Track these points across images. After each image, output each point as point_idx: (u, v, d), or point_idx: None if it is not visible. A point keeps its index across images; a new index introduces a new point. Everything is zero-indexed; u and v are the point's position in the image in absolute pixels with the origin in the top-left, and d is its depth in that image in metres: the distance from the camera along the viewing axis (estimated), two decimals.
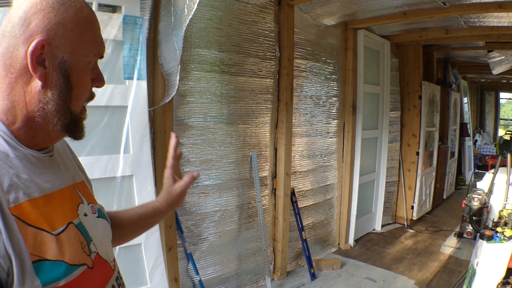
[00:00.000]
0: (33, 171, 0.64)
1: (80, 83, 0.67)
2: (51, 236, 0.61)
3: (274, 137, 3.26)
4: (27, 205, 0.59)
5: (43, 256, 0.59)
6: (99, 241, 0.75)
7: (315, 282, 3.31)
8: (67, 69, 0.64)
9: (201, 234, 2.74)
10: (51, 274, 0.59)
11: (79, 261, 0.65)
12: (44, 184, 0.65)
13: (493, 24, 3.71)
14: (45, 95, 0.63)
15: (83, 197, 0.76)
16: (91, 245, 0.71)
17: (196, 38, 2.58)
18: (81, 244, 0.67)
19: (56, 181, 0.69)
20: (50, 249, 0.60)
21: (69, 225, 0.66)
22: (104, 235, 0.80)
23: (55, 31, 0.62)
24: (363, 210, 4.45)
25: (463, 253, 3.94)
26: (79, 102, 0.69)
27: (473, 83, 9.62)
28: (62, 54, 0.63)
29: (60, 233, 0.63)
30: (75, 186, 0.76)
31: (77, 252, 0.65)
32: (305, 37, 3.48)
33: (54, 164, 0.72)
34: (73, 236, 0.65)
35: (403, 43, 4.85)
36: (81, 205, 0.74)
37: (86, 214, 0.74)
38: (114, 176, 2.04)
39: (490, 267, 2.30)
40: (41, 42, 0.60)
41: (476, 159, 8.42)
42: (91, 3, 1.97)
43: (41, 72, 0.62)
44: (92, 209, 0.78)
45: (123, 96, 2.07)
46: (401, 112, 4.99)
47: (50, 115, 0.65)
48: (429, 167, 5.28)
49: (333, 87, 3.89)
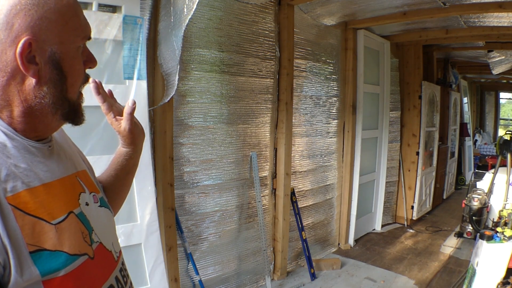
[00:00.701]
0: (32, 161, 0.64)
1: (74, 70, 0.67)
2: (50, 226, 0.60)
3: (274, 137, 3.26)
4: (25, 194, 0.59)
5: (41, 245, 0.58)
6: (102, 231, 0.75)
7: (315, 282, 3.31)
8: (58, 60, 0.64)
9: (201, 234, 2.74)
10: (50, 264, 0.58)
11: (79, 251, 0.64)
12: (44, 173, 0.65)
13: (493, 24, 3.71)
14: (40, 90, 0.64)
15: (84, 186, 0.76)
16: (93, 235, 0.70)
17: (196, 38, 2.58)
18: (82, 233, 0.67)
19: (56, 170, 0.69)
20: (49, 239, 0.60)
21: (70, 215, 0.66)
22: (107, 224, 0.80)
23: (39, 26, 0.61)
24: (363, 210, 4.45)
25: (463, 253, 3.94)
26: (75, 89, 0.69)
27: (473, 83, 9.62)
28: (50, 46, 0.63)
29: (60, 222, 0.63)
30: (77, 175, 0.76)
31: (77, 241, 0.64)
32: (305, 37, 3.48)
33: (54, 154, 0.71)
34: (73, 226, 0.65)
35: (403, 43, 4.85)
36: (83, 194, 0.74)
37: (87, 203, 0.74)
38: None
39: (490, 267, 2.29)
40: (28, 41, 0.60)
41: (476, 159, 8.42)
42: (91, 3, 1.97)
43: (33, 70, 0.62)
44: (94, 198, 0.77)
45: (123, 96, 2.06)
46: (401, 112, 4.99)
47: (48, 108, 0.65)
48: (429, 167, 5.28)
49: (333, 87, 3.89)
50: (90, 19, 2.03)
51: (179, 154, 2.57)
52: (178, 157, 2.55)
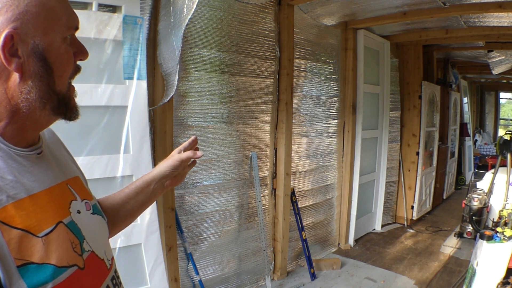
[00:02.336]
0: (19, 171, 0.62)
1: (60, 61, 0.66)
2: (37, 239, 0.59)
3: (274, 137, 3.26)
4: (11, 207, 0.57)
5: (28, 259, 0.57)
6: (94, 239, 0.73)
7: (315, 282, 3.31)
8: (42, 52, 0.63)
9: (201, 234, 2.75)
10: (37, 277, 0.57)
11: (68, 262, 0.63)
12: (31, 184, 0.63)
13: (493, 24, 3.71)
14: (25, 84, 0.62)
15: (76, 193, 0.74)
16: (84, 244, 0.69)
17: (196, 38, 2.58)
18: (72, 244, 0.65)
19: (45, 179, 0.67)
20: (36, 252, 0.58)
21: (59, 225, 0.64)
22: (100, 232, 0.78)
23: (21, 20, 0.60)
24: (363, 210, 4.45)
25: (463, 253, 3.94)
26: (63, 80, 0.67)
27: (473, 83, 9.62)
28: (33, 39, 0.62)
29: (48, 233, 0.61)
30: (68, 182, 0.74)
31: (66, 252, 0.63)
32: (305, 37, 3.48)
33: (43, 161, 0.69)
34: (62, 236, 0.64)
35: (403, 43, 4.85)
36: (74, 202, 0.72)
37: (79, 211, 0.72)
38: (114, 176, 2.04)
39: (490, 267, 2.29)
40: (9, 34, 0.59)
41: (476, 159, 8.42)
42: (91, 3, 1.97)
43: (16, 63, 0.60)
44: (86, 206, 0.76)
45: (123, 96, 2.06)
46: (401, 112, 4.99)
47: (35, 103, 0.63)
48: (429, 167, 5.28)
49: (333, 87, 3.89)
50: (90, 19, 2.03)
51: None
52: None
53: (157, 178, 0.95)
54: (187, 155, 0.93)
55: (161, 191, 0.98)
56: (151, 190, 0.95)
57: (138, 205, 0.96)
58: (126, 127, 2.09)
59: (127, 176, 2.09)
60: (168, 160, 0.96)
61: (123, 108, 2.08)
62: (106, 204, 0.93)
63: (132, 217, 1.00)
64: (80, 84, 1.91)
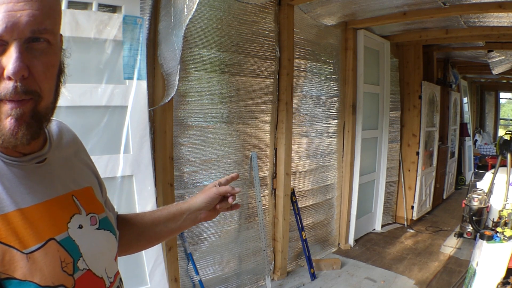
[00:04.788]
0: (11, 183, 0.59)
1: None
2: (22, 255, 0.56)
3: (274, 137, 3.26)
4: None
5: (11, 274, 0.55)
6: (94, 256, 0.68)
7: (315, 282, 3.31)
8: None
9: (201, 234, 2.75)
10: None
11: (53, 283, 0.59)
12: (23, 197, 0.59)
13: (493, 24, 3.71)
14: None
15: (81, 206, 0.70)
16: (79, 262, 0.64)
17: (196, 38, 2.58)
18: (62, 262, 0.61)
19: (42, 191, 0.63)
20: (20, 268, 0.56)
21: (49, 242, 0.60)
22: (104, 248, 0.73)
23: None
24: (363, 210, 4.45)
25: (463, 253, 3.94)
26: None
27: (473, 83, 9.62)
28: None
29: (35, 251, 0.58)
30: (74, 193, 0.70)
31: (53, 272, 0.59)
32: (305, 37, 3.48)
33: (44, 170, 0.66)
34: (51, 254, 0.60)
35: (403, 43, 4.85)
36: (77, 216, 0.68)
37: (81, 226, 0.68)
38: (114, 176, 2.04)
39: (490, 267, 2.29)
40: None
41: (476, 159, 8.42)
42: (91, 3, 1.97)
43: None
44: (91, 220, 0.71)
45: (123, 96, 2.07)
46: (401, 112, 4.99)
47: None
48: (429, 167, 5.28)
49: (333, 87, 3.89)
50: (90, 19, 2.03)
51: (179, 154, 2.57)
52: (178, 157, 2.55)
53: (192, 208, 0.94)
54: (225, 189, 0.94)
55: (192, 223, 0.98)
56: (183, 220, 0.95)
57: (167, 230, 0.95)
58: (126, 127, 2.09)
59: (127, 176, 2.09)
60: (204, 192, 0.96)
61: (123, 108, 2.08)
62: (134, 221, 0.92)
63: (156, 240, 0.99)
64: (80, 84, 1.92)
